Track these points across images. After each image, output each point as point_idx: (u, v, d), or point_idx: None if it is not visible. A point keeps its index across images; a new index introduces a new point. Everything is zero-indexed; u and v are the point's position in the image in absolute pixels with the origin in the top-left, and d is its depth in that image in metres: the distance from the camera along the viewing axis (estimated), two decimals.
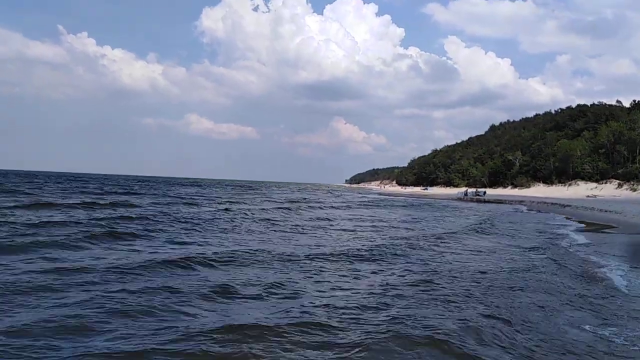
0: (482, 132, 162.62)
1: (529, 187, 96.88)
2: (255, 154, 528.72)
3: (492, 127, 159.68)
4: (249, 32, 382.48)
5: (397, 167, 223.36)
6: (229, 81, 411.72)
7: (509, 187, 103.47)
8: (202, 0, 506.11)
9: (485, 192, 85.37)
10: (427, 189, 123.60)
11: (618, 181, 76.88)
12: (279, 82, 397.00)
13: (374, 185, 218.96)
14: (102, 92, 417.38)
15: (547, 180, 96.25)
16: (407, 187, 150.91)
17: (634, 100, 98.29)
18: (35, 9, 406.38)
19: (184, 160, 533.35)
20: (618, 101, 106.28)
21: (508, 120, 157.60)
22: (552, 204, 49.25)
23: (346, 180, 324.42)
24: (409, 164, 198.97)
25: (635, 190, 68.65)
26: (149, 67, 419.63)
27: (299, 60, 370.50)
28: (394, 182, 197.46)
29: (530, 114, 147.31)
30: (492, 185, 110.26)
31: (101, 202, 26.44)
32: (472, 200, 70.50)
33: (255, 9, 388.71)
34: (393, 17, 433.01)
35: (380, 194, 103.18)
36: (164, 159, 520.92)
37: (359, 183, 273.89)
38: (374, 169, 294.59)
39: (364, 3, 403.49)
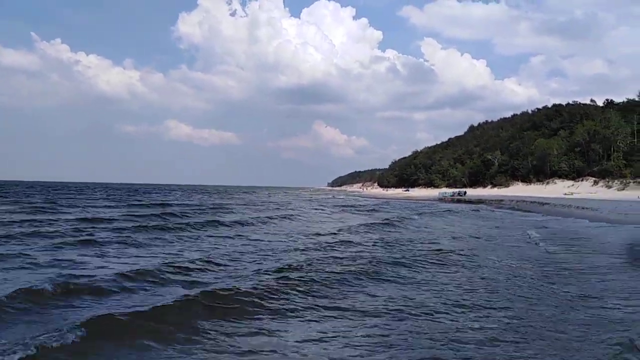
0: (462, 133, 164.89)
1: (508, 186, 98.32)
2: (238, 159, 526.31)
3: (471, 128, 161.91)
4: (226, 36, 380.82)
5: (379, 169, 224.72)
6: (208, 86, 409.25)
7: (489, 187, 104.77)
8: (178, 6, 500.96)
9: (465, 193, 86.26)
10: (408, 190, 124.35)
11: (594, 179, 78.56)
12: (259, 87, 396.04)
13: (356, 188, 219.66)
14: (79, 99, 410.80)
15: (526, 179, 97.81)
16: (388, 189, 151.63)
17: (607, 100, 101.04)
18: (6, 16, 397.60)
19: (165, 167, 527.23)
20: (592, 100, 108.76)
21: (486, 121, 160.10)
22: (531, 202, 49.98)
23: (329, 183, 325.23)
24: (390, 165, 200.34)
25: (610, 187, 70.21)
26: (126, 73, 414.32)
27: (278, 64, 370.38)
28: (376, 184, 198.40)
29: (508, 114, 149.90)
30: (472, 185, 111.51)
31: None
32: (452, 201, 71.13)
33: (233, 13, 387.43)
34: (370, 20, 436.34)
35: (367, 197, 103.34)
36: (145, 166, 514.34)
37: (341, 186, 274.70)
38: (356, 172, 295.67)
39: (341, 6, 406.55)
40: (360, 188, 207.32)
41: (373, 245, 15.22)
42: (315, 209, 38.33)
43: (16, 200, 39.79)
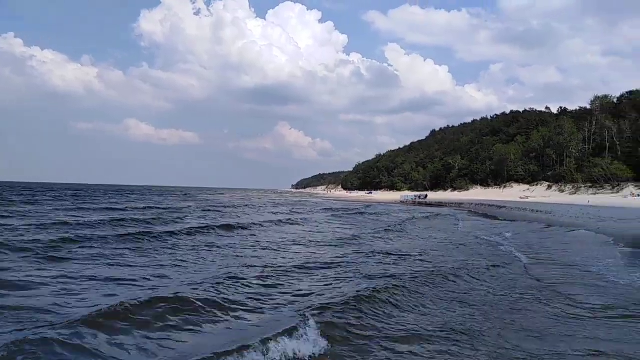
0: (423, 137, 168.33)
1: (467, 189, 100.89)
2: (199, 159, 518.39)
3: (433, 132, 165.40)
4: (189, 35, 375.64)
5: (343, 172, 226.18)
6: (169, 85, 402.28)
7: (449, 190, 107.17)
8: (140, 3, 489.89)
9: (427, 196, 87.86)
10: (371, 193, 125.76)
11: (548, 183, 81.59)
12: (222, 86, 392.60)
13: (320, 190, 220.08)
14: (32, 95, 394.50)
15: (484, 183, 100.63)
16: (352, 191, 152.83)
17: (561, 107, 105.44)
18: None
19: (123, 167, 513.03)
20: (547, 108, 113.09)
21: (448, 126, 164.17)
22: (489, 205, 51.30)
23: (292, 185, 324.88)
24: (354, 168, 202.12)
25: (563, 191, 73.05)
26: (83, 69, 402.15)
27: (242, 65, 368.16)
28: (340, 186, 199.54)
29: (468, 120, 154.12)
30: (434, 188, 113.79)
31: None
32: (414, 204, 72.30)
33: (197, 12, 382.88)
34: (336, 24, 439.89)
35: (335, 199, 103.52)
36: (102, 166, 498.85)
37: (305, 188, 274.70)
38: (320, 174, 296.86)
39: (307, 9, 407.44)
40: (325, 191, 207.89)
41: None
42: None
43: None
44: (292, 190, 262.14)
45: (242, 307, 7.47)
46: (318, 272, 10.85)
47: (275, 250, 14.75)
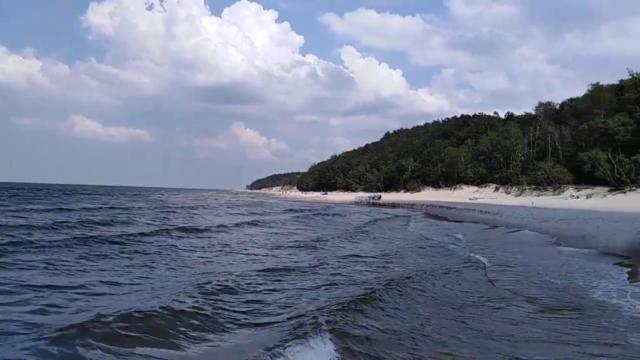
0: (378, 139, 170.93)
1: (419, 191, 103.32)
2: (150, 158, 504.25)
3: (387, 135, 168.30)
4: (141, 30, 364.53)
5: (298, 173, 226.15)
6: (118, 81, 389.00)
7: (402, 191, 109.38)
8: None
9: (380, 197, 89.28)
10: (326, 194, 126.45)
11: (495, 185, 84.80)
12: (175, 84, 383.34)
13: (275, 191, 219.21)
14: None
15: (435, 185, 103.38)
16: (307, 192, 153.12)
17: (508, 112, 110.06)
18: None
19: (68, 165, 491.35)
20: (495, 112, 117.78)
21: (401, 128, 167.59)
22: (440, 206, 52.70)
23: (247, 186, 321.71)
24: (309, 169, 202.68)
25: (509, 193, 76.13)
26: (25, 62, 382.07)
27: (196, 62, 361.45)
28: (295, 187, 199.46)
29: (421, 123, 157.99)
30: (387, 189, 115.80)
31: None
32: (368, 204, 73.25)
33: (149, 7, 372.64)
34: (292, 25, 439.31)
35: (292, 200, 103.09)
36: (45, 164, 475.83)
37: (259, 188, 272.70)
38: (275, 175, 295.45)
39: (264, 9, 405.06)
40: (280, 191, 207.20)
41: None
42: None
43: None
44: (247, 190, 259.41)
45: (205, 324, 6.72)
46: (290, 276, 10.50)
47: (239, 254, 14.22)
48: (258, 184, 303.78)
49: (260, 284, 9.51)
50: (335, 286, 9.52)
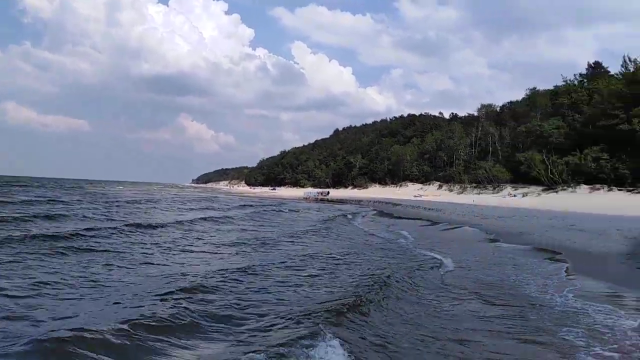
0: (327, 136, 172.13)
1: (367, 187, 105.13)
2: (90, 149, 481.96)
3: (336, 132, 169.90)
4: (81, 15, 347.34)
5: (247, 167, 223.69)
6: (56, 67, 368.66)
7: (350, 188, 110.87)
8: None
9: (329, 193, 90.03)
10: (275, 189, 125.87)
11: (439, 183, 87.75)
12: (118, 72, 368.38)
13: (222, 185, 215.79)
14: None
15: (382, 182, 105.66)
16: (256, 187, 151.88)
17: (452, 113, 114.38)
18: None
19: None
20: (440, 113, 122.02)
21: (350, 126, 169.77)
22: (386, 203, 53.83)
23: (193, 180, 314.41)
24: (258, 164, 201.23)
25: (452, 190, 78.96)
26: None
27: (141, 51, 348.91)
28: (243, 182, 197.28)
29: (369, 121, 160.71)
30: (335, 185, 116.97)
31: None
32: (316, 200, 73.61)
33: None
34: (242, 17, 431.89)
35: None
36: None
37: (206, 183, 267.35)
38: (222, 169, 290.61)
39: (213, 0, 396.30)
40: (228, 186, 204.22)
41: None
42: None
43: None
44: (193, 185, 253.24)
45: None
46: (259, 277, 9.83)
47: (199, 252, 13.37)
48: (205, 178, 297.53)
49: (231, 289, 8.59)
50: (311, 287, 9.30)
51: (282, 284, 9.29)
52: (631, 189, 47.26)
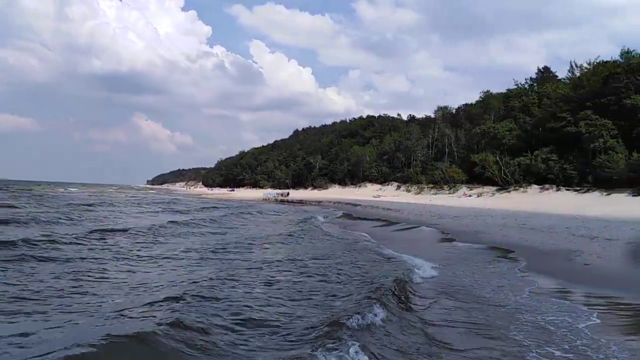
0: (287, 136, 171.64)
1: (326, 188, 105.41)
2: (38, 149, 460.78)
3: (296, 132, 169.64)
4: (27, 8, 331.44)
5: (204, 168, 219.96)
6: (1, 64, 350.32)
7: (310, 188, 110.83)
8: None
9: (289, 194, 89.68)
10: (233, 190, 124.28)
11: (397, 183, 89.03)
12: (68, 70, 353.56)
13: (178, 187, 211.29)
14: None
15: (342, 182, 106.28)
16: (213, 188, 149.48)
17: (410, 114, 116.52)
18: None
19: None
20: (398, 114, 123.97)
21: (310, 126, 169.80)
22: (346, 203, 54.06)
23: (148, 181, 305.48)
24: (216, 165, 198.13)
25: (409, 191, 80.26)
26: None
27: (93, 48, 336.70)
28: (201, 183, 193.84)
29: (329, 122, 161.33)
30: (295, 186, 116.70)
31: None
32: (277, 202, 73.17)
33: None
34: (199, 14, 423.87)
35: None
36: None
37: (162, 184, 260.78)
38: (179, 170, 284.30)
39: None
40: (184, 187, 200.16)
41: None
42: None
43: None
44: (148, 186, 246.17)
45: None
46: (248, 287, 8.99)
47: (172, 259, 12.26)
48: (160, 180, 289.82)
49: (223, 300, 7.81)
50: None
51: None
52: (578, 188, 49.41)
